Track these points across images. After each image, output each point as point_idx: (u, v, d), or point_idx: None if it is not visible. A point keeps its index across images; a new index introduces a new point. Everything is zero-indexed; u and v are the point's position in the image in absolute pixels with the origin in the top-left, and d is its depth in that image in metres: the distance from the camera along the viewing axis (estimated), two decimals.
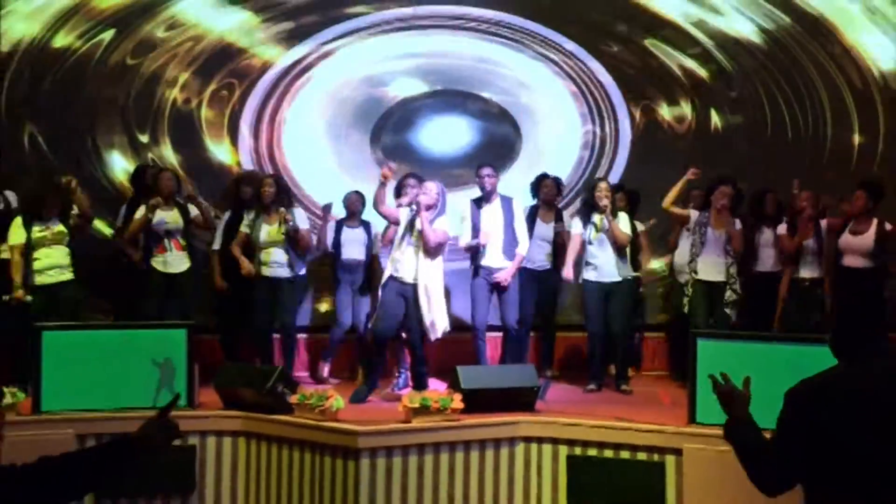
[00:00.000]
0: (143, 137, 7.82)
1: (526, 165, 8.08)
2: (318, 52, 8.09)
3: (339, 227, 7.23)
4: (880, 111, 8.21)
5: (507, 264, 6.56)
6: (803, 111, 8.29)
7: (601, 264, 6.59)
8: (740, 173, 7.38)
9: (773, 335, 6.05)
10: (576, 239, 6.69)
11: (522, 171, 7.92)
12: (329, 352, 7.31)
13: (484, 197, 6.67)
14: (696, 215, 6.74)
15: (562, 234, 7.14)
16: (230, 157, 8.00)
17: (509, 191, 6.88)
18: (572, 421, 5.48)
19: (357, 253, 7.13)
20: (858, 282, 6.39)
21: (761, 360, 4.82)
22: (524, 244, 6.65)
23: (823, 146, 8.28)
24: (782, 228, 6.82)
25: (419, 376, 6.16)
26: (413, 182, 6.61)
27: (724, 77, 8.39)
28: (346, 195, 7.31)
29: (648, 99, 8.38)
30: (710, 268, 6.62)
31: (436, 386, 6.12)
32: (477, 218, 6.61)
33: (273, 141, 8.08)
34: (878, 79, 8.26)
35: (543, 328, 7.48)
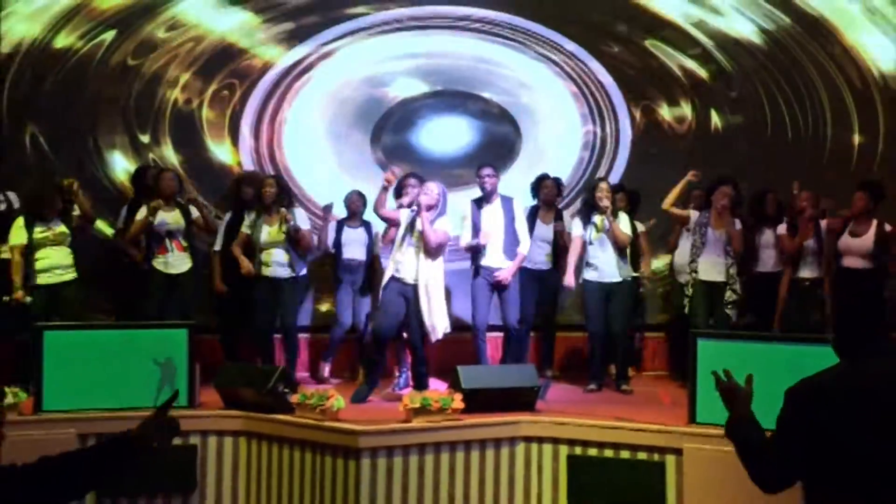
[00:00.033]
0: (144, 138, 7.83)
1: (526, 166, 8.08)
2: (318, 52, 8.10)
3: (339, 227, 7.23)
4: (880, 111, 8.21)
5: (507, 264, 6.56)
6: (803, 111, 8.29)
7: (602, 265, 6.60)
8: (740, 173, 7.38)
9: (773, 335, 6.06)
10: (577, 241, 6.69)
11: (523, 172, 7.91)
12: (329, 352, 7.32)
13: (484, 197, 6.67)
14: (697, 216, 6.76)
15: (562, 234, 7.15)
16: (231, 157, 8.01)
17: (509, 191, 6.88)
18: (573, 421, 5.49)
19: (358, 253, 7.14)
20: (858, 282, 6.40)
21: (761, 360, 4.82)
22: (525, 243, 6.65)
23: (823, 146, 8.28)
24: (782, 229, 6.83)
25: (420, 376, 6.16)
26: (414, 182, 6.62)
27: (724, 77, 8.39)
28: (347, 195, 7.32)
29: (649, 99, 8.38)
30: (711, 268, 6.63)
31: (436, 386, 6.13)
32: (477, 218, 6.62)
33: (274, 141, 8.09)
34: (878, 79, 8.26)
35: (544, 328, 7.48)
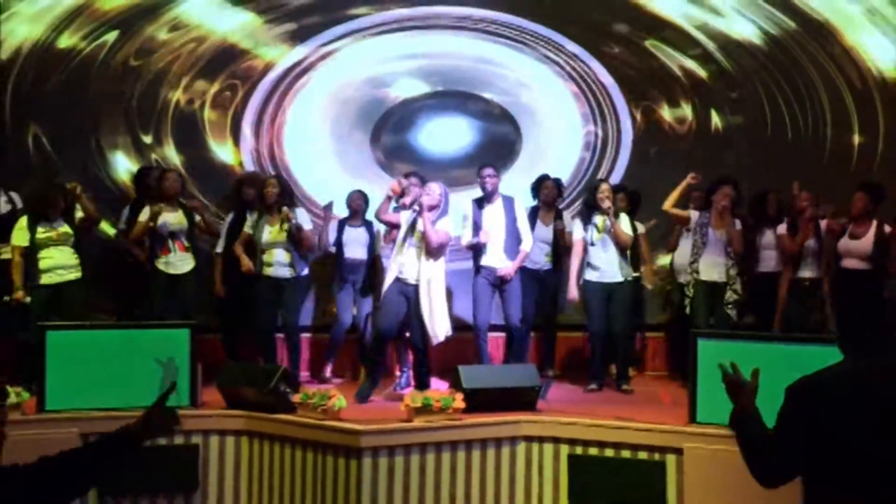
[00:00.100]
0: (146, 138, 7.85)
1: (527, 166, 8.08)
2: (319, 52, 8.12)
3: (341, 226, 7.23)
4: (880, 111, 8.21)
5: (508, 264, 6.56)
6: (803, 112, 8.30)
7: (604, 265, 6.59)
8: (740, 174, 7.38)
9: (774, 335, 6.06)
10: (578, 245, 6.68)
11: (523, 172, 7.92)
12: (330, 351, 7.33)
13: (485, 197, 6.68)
14: (697, 216, 6.77)
15: (562, 234, 7.15)
16: (233, 157, 8.03)
17: (509, 192, 6.88)
18: (573, 420, 5.50)
19: (359, 252, 7.14)
20: (858, 283, 6.39)
21: (762, 359, 4.79)
22: (528, 240, 6.65)
23: (823, 146, 8.28)
24: (782, 228, 6.84)
25: (421, 376, 6.17)
26: (415, 181, 6.63)
27: (724, 78, 8.40)
28: (348, 194, 7.33)
29: (649, 100, 8.39)
30: (712, 268, 6.63)
31: (437, 385, 6.14)
32: (478, 218, 6.62)
33: (275, 141, 8.11)
34: (878, 79, 8.28)
35: (544, 328, 7.49)
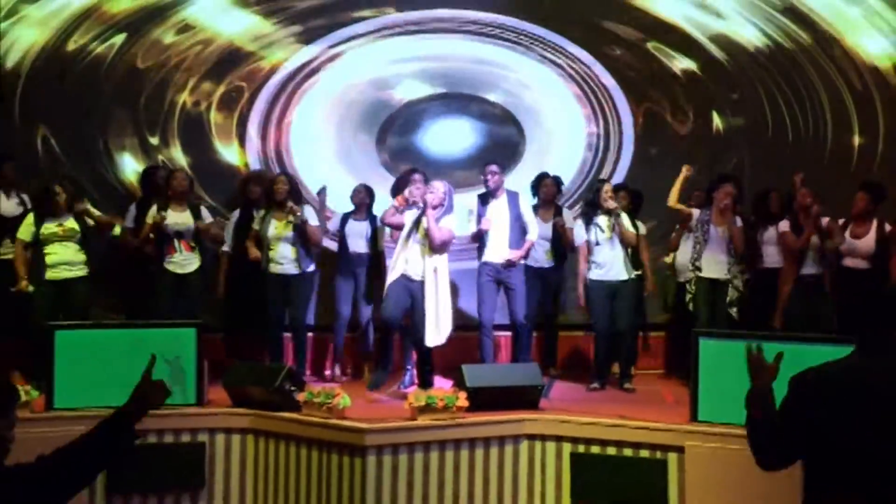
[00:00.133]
0: (153, 140, 7.91)
1: (530, 167, 8.09)
2: (325, 55, 8.16)
3: (344, 219, 7.24)
4: (880, 112, 8.24)
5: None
6: (804, 112, 8.32)
7: (608, 264, 6.60)
8: (741, 174, 7.43)
9: (776, 334, 6.06)
10: (583, 248, 6.69)
11: (527, 173, 7.91)
12: (334, 348, 7.32)
13: (490, 193, 6.73)
14: (698, 213, 6.80)
15: (563, 229, 7.16)
16: (238, 159, 8.08)
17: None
18: (576, 419, 5.52)
19: (362, 246, 7.15)
20: (859, 282, 6.41)
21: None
22: (534, 230, 6.72)
23: (824, 147, 8.31)
24: (784, 225, 6.83)
25: (425, 374, 6.21)
26: (419, 178, 6.66)
27: (725, 79, 8.42)
28: (354, 188, 7.32)
29: (651, 101, 8.43)
30: (714, 265, 6.65)
31: (441, 384, 6.17)
32: (483, 213, 6.68)
33: (280, 143, 8.16)
34: (878, 80, 8.30)
35: (546, 326, 7.50)
